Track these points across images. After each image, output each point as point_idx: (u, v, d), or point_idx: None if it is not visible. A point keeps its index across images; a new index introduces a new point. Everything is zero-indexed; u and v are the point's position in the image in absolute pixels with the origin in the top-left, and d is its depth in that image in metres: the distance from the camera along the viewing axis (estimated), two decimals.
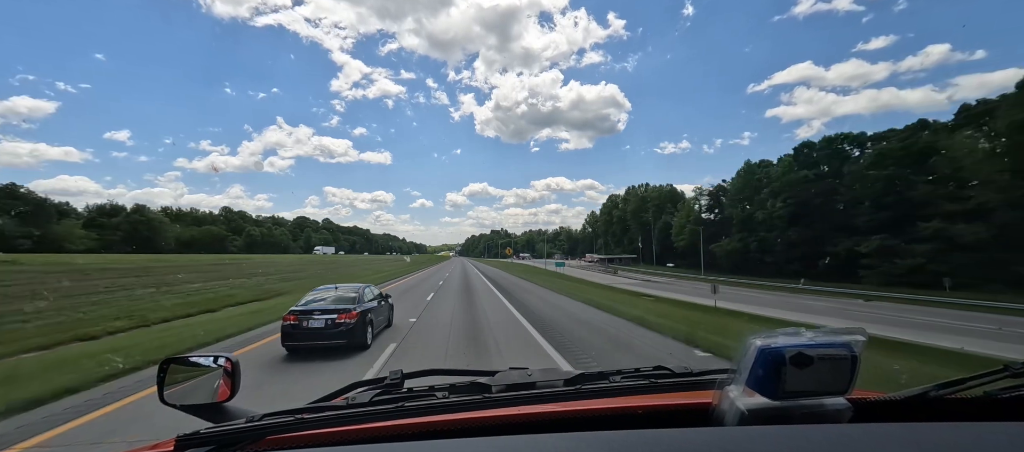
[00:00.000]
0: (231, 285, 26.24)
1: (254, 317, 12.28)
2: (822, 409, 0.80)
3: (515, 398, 1.03)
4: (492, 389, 1.16)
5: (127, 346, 8.41)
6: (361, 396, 1.22)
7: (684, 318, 13.06)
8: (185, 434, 0.88)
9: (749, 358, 0.78)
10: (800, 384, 0.76)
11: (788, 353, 0.75)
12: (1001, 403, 0.89)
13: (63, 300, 17.23)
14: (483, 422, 0.92)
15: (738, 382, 0.82)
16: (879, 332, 13.09)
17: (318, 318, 7.65)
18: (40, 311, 14.46)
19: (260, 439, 0.87)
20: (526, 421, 0.93)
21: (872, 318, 21.09)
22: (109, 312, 14.20)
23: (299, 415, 0.93)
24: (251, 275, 35.22)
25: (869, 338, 0.81)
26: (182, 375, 1.24)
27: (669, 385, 1.16)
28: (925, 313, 24.58)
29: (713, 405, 0.87)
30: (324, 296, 8.48)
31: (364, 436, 0.90)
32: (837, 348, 0.77)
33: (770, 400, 0.78)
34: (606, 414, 0.98)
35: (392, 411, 0.94)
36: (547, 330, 10.66)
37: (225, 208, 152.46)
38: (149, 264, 42.07)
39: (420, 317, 12.93)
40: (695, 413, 0.91)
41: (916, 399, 0.89)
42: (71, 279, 24.90)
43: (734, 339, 8.67)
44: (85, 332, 10.48)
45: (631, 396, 1.08)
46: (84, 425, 4.77)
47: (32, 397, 5.39)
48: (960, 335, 15.78)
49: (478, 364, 7.35)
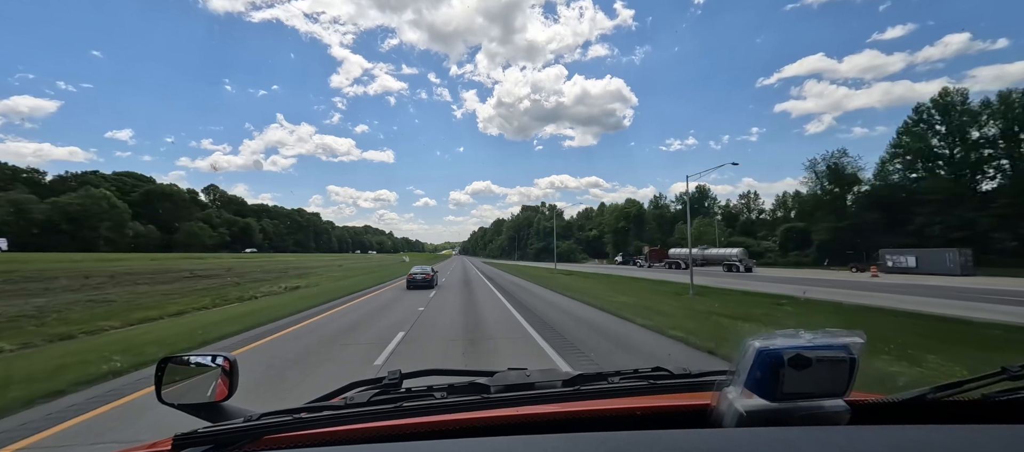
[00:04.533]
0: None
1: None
2: (820, 411, 0.80)
3: (514, 398, 1.03)
4: (491, 389, 1.16)
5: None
6: (359, 396, 1.22)
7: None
8: (182, 433, 0.88)
9: (747, 360, 0.78)
10: (798, 386, 0.76)
11: (786, 355, 0.75)
12: (999, 405, 0.89)
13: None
14: (481, 422, 0.92)
15: (736, 384, 0.82)
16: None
17: (419, 276, 23.47)
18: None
19: (258, 439, 0.87)
20: (525, 422, 0.93)
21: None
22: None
23: (297, 415, 0.93)
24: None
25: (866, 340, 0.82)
26: (180, 374, 1.23)
27: (668, 386, 1.16)
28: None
29: (711, 407, 0.87)
30: (418, 269, 25.07)
31: (362, 436, 0.90)
32: (836, 350, 0.77)
33: (768, 402, 0.78)
34: (604, 415, 0.99)
35: (390, 411, 0.94)
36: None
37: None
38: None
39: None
40: (693, 414, 0.91)
41: (914, 401, 0.90)
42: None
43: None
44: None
45: (629, 397, 1.08)
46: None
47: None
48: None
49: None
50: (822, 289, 21.89)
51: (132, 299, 20.15)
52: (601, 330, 10.48)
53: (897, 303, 15.99)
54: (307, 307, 15.21)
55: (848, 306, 15.43)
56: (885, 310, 14.17)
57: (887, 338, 8.20)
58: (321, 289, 23.46)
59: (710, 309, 13.83)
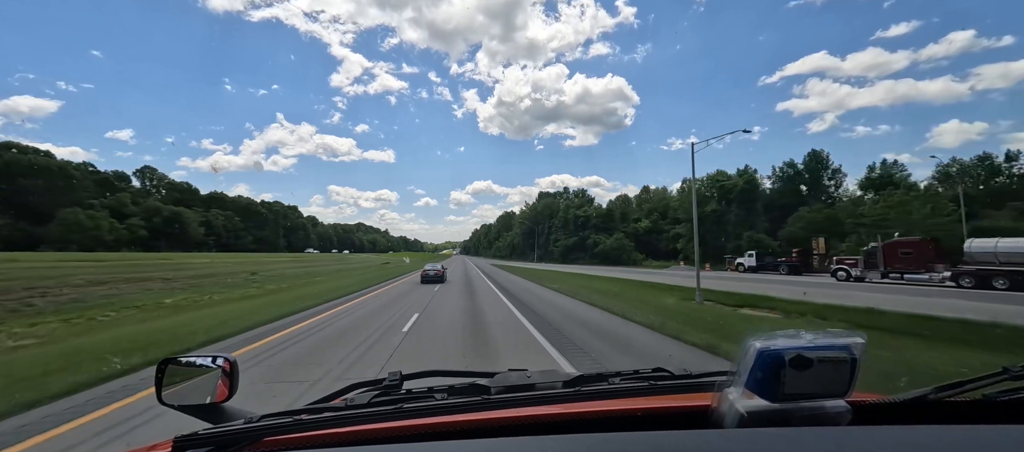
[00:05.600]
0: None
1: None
2: (821, 411, 0.80)
3: (514, 399, 1.03)
4: (491, 390, 1.15)
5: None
6: (360, 397, 1.22)
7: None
8: (183, 435, 0.88)
9: (748, 360, 0.78)
10: (799, 386, 0.76)
11: (787, 355, 0.75)
12: (1000, 405, 0.89)
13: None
14: (482, 424, 0.92)
15: (737, 384, 0.82)
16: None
17: (431, 271, 27.11)
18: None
19: (258, 440, 0.87)
20: (525, 423, 0.93)
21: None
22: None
23: (297, 416, 0.93)
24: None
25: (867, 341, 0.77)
26: (180, 376, 1.23)
27: (668, 387, 1.16)
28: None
29: (712, 407, 0.87)
30: (431, 265, 30.47)
31: (363, 437, 0.89)
32: (837, 351, 0.77)
33: (769, 402, 0.77)
34: (605, 416, 0.98)
35: (391, 412, 0.93)
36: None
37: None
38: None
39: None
40: (694, 415, 0.91)
41: (915, 401, 0.89)
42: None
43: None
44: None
45: (630, 398, 1.08)
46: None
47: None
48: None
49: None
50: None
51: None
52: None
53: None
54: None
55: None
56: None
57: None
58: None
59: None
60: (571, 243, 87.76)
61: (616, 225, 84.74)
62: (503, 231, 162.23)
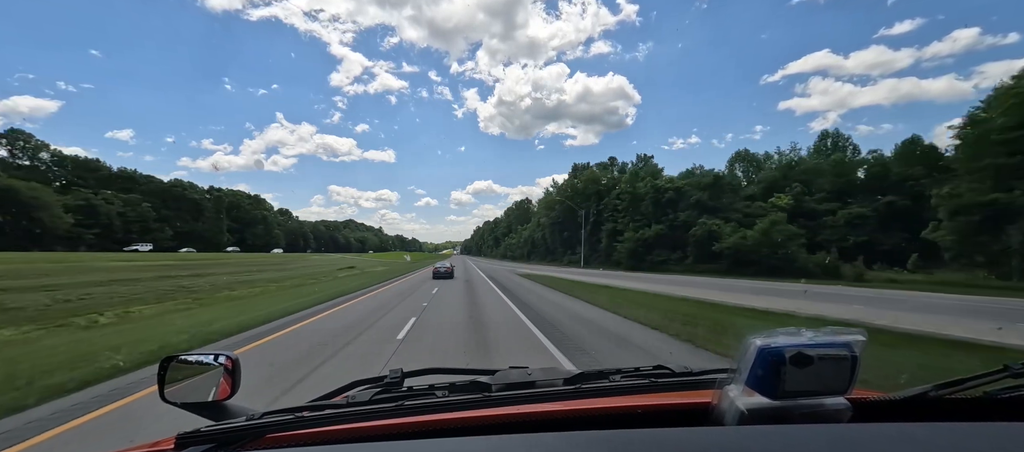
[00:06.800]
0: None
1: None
2: (822, 409, 0.79)
3: (515, 397, 1.03)
4: (492, 388, 1.15)
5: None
6: (361, 394, 1.22)
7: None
8: (185, 432, 0.88)
9: (749, 358, 0.78)
10: (800, 384, 0.75)
11: (788, 353, 0.75)
12: (1001, 403, 0.89)
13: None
14: (483, 421, 0.92)
15: (738, 382, 0.81)
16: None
17: (441, 268, 31.74)
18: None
19: (260, 437, 0.87)
20: (526, 420, 0.93)
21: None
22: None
23: (299, 413, 0.93)
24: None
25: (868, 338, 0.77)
26: (182, 373, 1.24)
27: (669, 384, 1.15)
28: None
29: (713, 405, 0.87)
30: (441, 263, 36.41)
31: (364, 434, 0.90)
32: (837, 348, 0.77)
33: (770, 400, 0.77)
34: (606, 413, 0.98)
35: (392, 409, 0.93)
36: None
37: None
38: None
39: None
40: (695, 413, 0.91)
41: (916, 399, 0.89)
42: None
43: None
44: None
45: (631, 395, 1.07)
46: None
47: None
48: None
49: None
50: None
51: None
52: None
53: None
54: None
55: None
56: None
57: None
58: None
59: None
60: (651, 236, 50.82)
61: (702, 206, 48.55)
62: (516, 225, 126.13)
